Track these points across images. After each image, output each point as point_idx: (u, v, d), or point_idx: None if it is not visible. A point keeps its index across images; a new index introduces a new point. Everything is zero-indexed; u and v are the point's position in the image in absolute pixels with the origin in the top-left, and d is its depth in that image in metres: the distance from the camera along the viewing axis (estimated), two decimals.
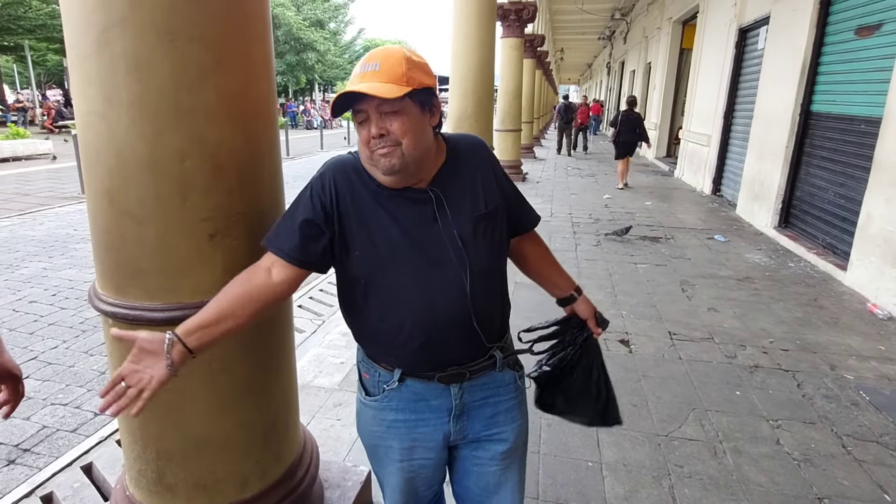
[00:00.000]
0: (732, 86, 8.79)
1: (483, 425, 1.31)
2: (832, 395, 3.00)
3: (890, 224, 4.35)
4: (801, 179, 6.29)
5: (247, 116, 1.33)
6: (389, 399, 1.27)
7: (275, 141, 1.48)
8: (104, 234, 1.32)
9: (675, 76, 13.37)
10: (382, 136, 1.09)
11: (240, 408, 1.47)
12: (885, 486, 2.30)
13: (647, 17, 15.97)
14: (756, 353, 3.49)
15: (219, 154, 1.28)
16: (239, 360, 1.43)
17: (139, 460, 1.47)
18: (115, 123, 1.20)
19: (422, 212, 1.18)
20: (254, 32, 1.34)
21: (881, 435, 2.66)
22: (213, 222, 1.30)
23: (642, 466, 2.35)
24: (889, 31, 4.78)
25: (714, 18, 9.78)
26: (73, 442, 2.61)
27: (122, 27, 1.14)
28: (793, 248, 5.98)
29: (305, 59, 34.82)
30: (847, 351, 3.56)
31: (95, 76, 1.19)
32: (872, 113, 4.85)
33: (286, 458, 1.65)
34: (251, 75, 1.34)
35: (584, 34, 24.54)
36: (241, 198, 1.35)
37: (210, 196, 1.29)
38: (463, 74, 6.10)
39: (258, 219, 1.40)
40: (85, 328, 3.91)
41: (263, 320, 1.34)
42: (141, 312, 1.30)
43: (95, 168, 1.27)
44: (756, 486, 2.26)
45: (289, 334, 1.64)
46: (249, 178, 1.37)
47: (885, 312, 4.19)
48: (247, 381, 1.46)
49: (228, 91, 1.27)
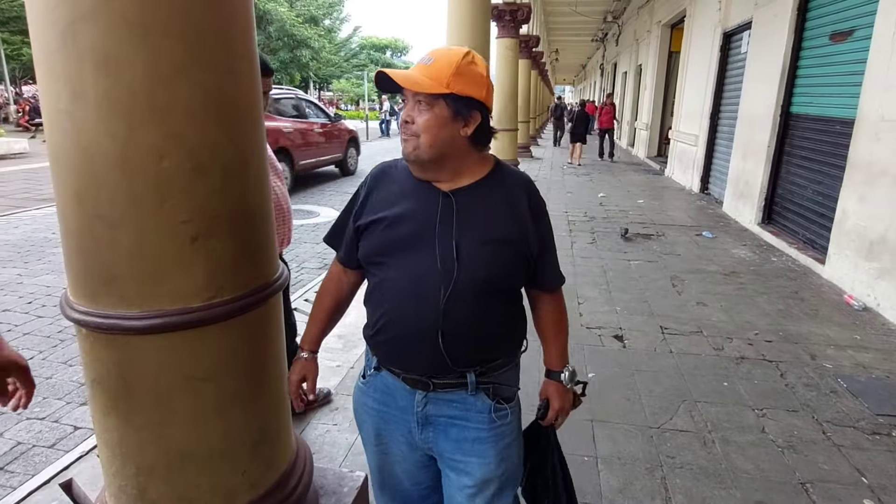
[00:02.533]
0: (718, 88, 8.79)
1: (451, 447, 1.23)
2: (813, 384, 3.06)
3: (863, 220, 4.39)
4: (782, 178, 6.32)
5: (230, 114, 1.23)
6: (368, 384, 1.31)
7: (260, 139, 1.37)
8: (75, 238, 1.19)
9: (665, 78, 13.34)
10: (407, 123, 1.14)
11: (226, 419, 1.34)
12: (862, 469, 2.35)
13: (637, 20, 15.90)
14: (742, 344, 3.55)
15: (200, 153, 1.16)
16: (224, 370, 1.31)
17: (119, 476, 1.33)
18: (82, 121, 1.09)
19: (432, 211, 1.16)
20: (236, 26, 1.23)
21: (857, 420, 2.72)
22: (195, 225, 1.18)
23: (636, 459, 2.39)
24: (861, 36, 4.81)
25: (700, 22, 9.76)
26: (51, 458, 2.41)
27: (89, 20, 1.04)
28: (775, 243, 6.02)
29: (299, 56, 33.26)
30: (826, 341, 3.62)
31: (61, 72, 1.08)
32: (847, 114, 4.88)
33: (277, 468, 1.51)
34: (234, 71, 1.23)
35: (578, 36, 24.42)
36: (225, 199, 1.23)
37: (190, 197, 1.17)
38: None
39: (244, 220, 1.29)
40: (63, 337, 3.61)
41: (251, 326, 1.34)
42: (117, 321, 1.17)
43: (63, 168, 1.15)
44: (743, 474, 2.31)
45: (279, 340, 1.51)
46: (234, 178, 1.25)
47: (860, 303, 4.24)
48: (233, 391, 1.33)
49: (209, 87, 1.16)
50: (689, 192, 9.68)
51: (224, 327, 1.26)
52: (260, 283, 1.34)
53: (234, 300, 1.26)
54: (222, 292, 1.24)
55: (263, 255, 1.38)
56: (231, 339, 1.30)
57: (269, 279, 1.39)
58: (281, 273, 1.47)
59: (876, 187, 4.26)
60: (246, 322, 1.31)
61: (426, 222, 1.16)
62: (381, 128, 25.19)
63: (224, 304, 1.24)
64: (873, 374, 3.18)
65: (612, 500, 2.03)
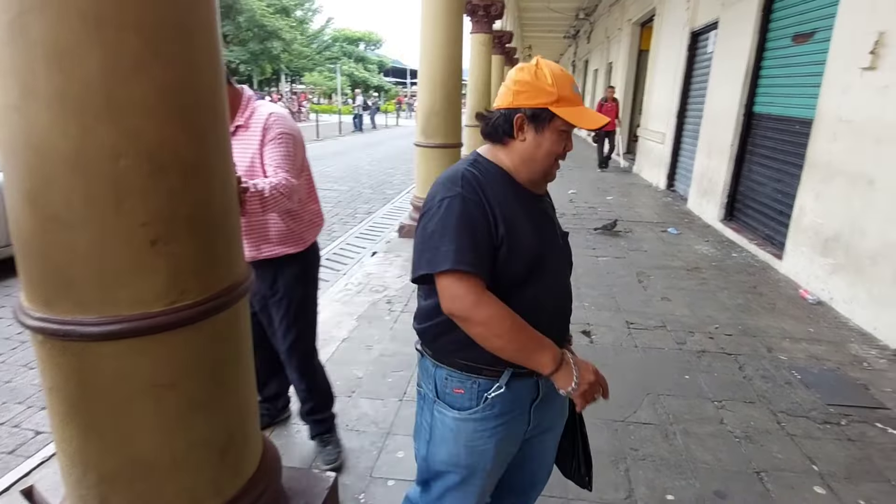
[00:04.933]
0: (685, 86, 8.92)
1: (555, 410, 1.38)
2: (769, 376, 3.17)
3: (819, 217, 4.54)
4: (744, 176, 6.45)
5: (192, 112, 1.18)
6: (492, 406, 1.24)
7: (225, 137, 1.32)
8: (28, 242, 1.14)
9: (635, 76, 13.47)
10: (567, 152, 1.26)
11: (191, 426, 1.30)
12: (814, 457, 2.44)
13: (609, 18, 16.03)
14: (703, 338, 3.64)
15: (159, 153, 1.12)
16: (189, 376, 1.27)
17: (80, 485, 1.29)
18: (34, 118, 1.04)
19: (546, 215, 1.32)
20: (198, 18, 1.18)
21: (810, 410, 2.82)
22: (154, 227, 1.13)
23: (601, 451, 2.41)
24: (821, 38, 4.91)
25: (669, 21, 9.87)
26: (10, 464, 2.37)
27: (39, 11, 0.99)
28: (736, 239, 6.17)
29: (270, 47, 32.38)
30: (782, 334, 3.74)
31: (10, 66, 1.02)
32: (806, 115, 4.99)
33: (244, 472, 1.48)
34: (196, 66, 1.18)
35: (551, 32, 24.50)
36: (187, 200, 1.18)
37: (150, 199, 1.12)
38: (431, 69, 5.90)
39: (208, 222, 1.25)
40: (24, 339, 3.49)
41: (217, 330, 1.31)
42: (73, 327, 1.12)
43: (14, 167, 1.09)
44: (702, 465, 2.38)
45: (246, 343, 1.48)
46: (197, 179, 1.20)
47: (814, 297, 4.39)
48: (198, 397, 1.29)
49: (170, 84, 1.11)
50: (655, 188, 9.84)
51: (188, 332, 1.23)
52: (226, 286, 1.31)
53: (197, 304, 1.23)
54: (185, 296, 1.21)
55: (229, 257, 1.35)
56: (195, 343, 1.27)
57: (236, 281, 1.36)
58: (248, 275, 1.44)
59: (832, 186, 4.40)
60: (211, 326, 1.28)
61: (548, 224, 1.31)
62: (354, 122, 24.92)
63: (187, 308, 1.21)
64: (825, 366, 3.30)
65: (578, 492, 2.07)
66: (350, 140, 20.02)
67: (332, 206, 8.17)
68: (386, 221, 7.26)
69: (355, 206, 8.31)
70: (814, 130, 4.72)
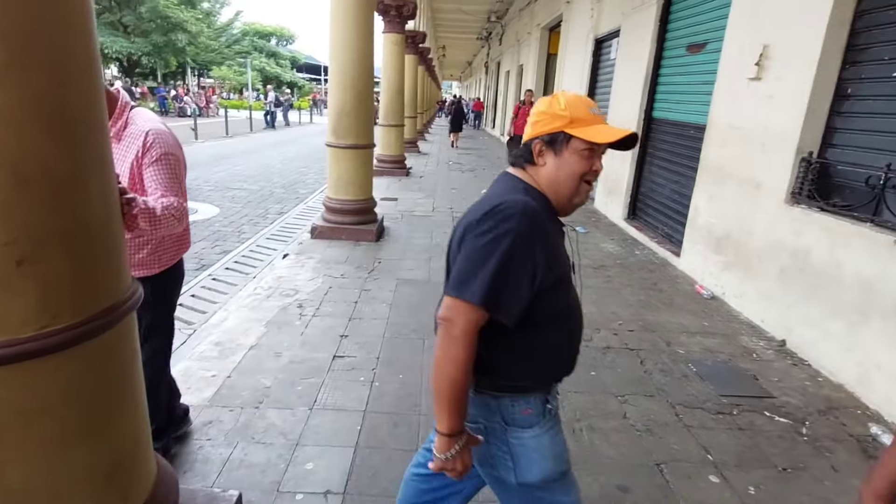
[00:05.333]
0: (590, 91, 9.26)
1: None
2: (667, 369, 3.30)
3: (713, 217, 4.84)
4: (645, 177, 6.81)
5: (63, 121, 1.10)
6: (553, 416, 1.35)
7: (104, 146, 1.24)
8: None
9: (545, 79, 13.90)
10: (596, 172, 1.25)
11: (71, 452, 1.21)
12: (708, 447, 2.58)
13: (519, 22, 16.45)
14: (608, 335, 3.76)
15: (24, 166, 1.03)
16: (66, 402, 1.18)
17: None
18: None
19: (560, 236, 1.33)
20: (70, 19, 1.10)
21: (704, 401, 2.97)
22: (20, 246, 1.04)
23: None
24: (713, 49, 5.23)
25: (575, 28, 10.23)
26: None
27: None
28: (639, 237, 6.48)
29: (175, 40, 30.72)
30: (679, 328, 3.94)
31: None
32: (700, 121, 5.31)
33: (135, 497, 1.41)
34: (68, 73, 1.10)
35: (464, 33, 24.87)
36: (59, 216, 1.10)
37: (14, 215, 1.04)
38: (342, 67, 5.75)
39: (84, 238, 1.17)
40: None
41: (97, 352, 1.23)
42: None
43: None
44: (607, 459, 2.45)
45: (133, 363, 1.41)
46: (70, 192, 1.12)
47: (709, 293, 4.68)
48: (78, 423, 1.21)
49: (35, 92, 1.04)
50: None
51: (62, 357, 1.14)
52: (106, 306, 1.22)
53: (73, 327, 1.14)
54: (58, 319, 1.12)
55: (109, 275, 1.27)
56: (72, 368, 1.18)
57: (118, 300, 1.27)
58: (133, 291, 1.35)
59: (723, 188, 4.70)
60: (91, 349, 1.20)
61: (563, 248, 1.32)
62: (265, 119, 23.97)
63: (61, 332, 1.13)
64: (718, 358, 3.50)
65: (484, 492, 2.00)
66: (261, 137, 19.28)
67: (242, 207, 7.78)
68: (298, 222, 7.01)
69: (266, 207, 7.93)
70: (707, 136, 5.03)
